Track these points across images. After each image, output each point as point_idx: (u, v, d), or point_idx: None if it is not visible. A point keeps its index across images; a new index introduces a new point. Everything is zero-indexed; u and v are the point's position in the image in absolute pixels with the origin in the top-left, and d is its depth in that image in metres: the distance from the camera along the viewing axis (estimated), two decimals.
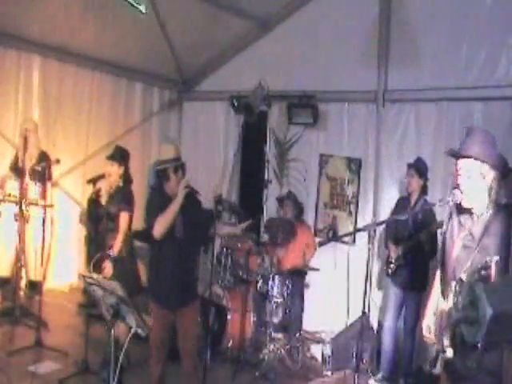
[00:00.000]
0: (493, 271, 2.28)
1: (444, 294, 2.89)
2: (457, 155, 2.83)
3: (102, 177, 4.96)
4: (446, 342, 2.73)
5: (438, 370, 2.84)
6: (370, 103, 6.06)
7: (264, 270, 5.71)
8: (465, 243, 2.78)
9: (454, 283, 2.70)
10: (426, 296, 4.92)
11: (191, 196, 3.95)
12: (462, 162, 2.79)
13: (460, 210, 2.89)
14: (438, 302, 2.92)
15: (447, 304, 2.78)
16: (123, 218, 4.75)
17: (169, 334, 3.96)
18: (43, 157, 5.71)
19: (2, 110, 6.25)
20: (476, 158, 2.74)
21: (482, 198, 2.76)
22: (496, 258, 2.34)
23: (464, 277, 2.64)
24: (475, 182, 2.74)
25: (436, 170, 5.30)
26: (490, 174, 2.73)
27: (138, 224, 6.23)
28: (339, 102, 6.37)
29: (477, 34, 5.24)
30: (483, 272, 2.29)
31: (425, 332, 3.01)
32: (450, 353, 2.70)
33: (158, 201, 3.97)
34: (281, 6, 6.72)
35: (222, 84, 7.40)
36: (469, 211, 2.82)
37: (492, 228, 2.69)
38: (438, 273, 3.09)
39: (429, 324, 2.98)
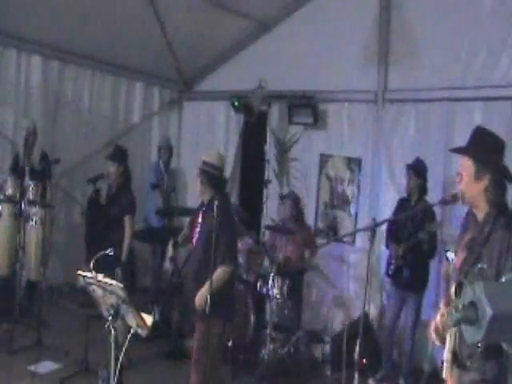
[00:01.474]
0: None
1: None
2: (455, 152, 2.84)
3: (101, 177, 4.96)
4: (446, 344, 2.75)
5: (444, 375, 2.83)
6: (370, 103, 6.06)
7: (264, 270, 5.71)
8: (468, 246, 2.79)
9: (453, 286, 2.71)
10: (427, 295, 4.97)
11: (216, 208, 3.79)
12: (461, 160, 2.80)
13: (469, 212, 2.89)
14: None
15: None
16: (128, 221, 4.80)
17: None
18: (43, 157, 5.71)
19: (2, 110, 6.25)
20: (470, 158, 2.74)
21: (479, 200, 2.76)
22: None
23: (464, 280, 2.64)
24: (469, 181, 2.74)
25: (436, 170, 5.30)
26: (486, 176, 2.72)
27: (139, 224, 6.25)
28: (339, 102, 6.37)
29: (477, 34, 5.24)
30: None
31: (432, 329, 3.00)
32: (446, 355, 2.70)
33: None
34: (281, 5, 6.72)
35: (222, 84, 7.40)
36: (474, 214, 2.81)
37: (494, 233, 2.68)
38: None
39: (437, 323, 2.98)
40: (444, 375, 2.68)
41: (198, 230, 4.06)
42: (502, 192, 2.73)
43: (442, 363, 2.69)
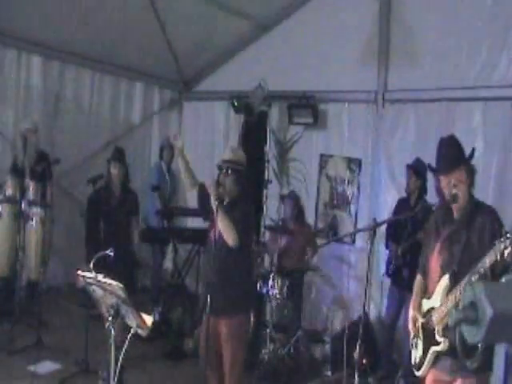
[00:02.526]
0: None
1: (428, 293, 3.01)
2: (446, 174, 2.93)
3: (101, 177, 4.97)
4: (439, 337, 2.82)
5: (423, 372, 2.90)
6: (370, 103, 6.06)
7: (264, 270, 5.71)
8: (449, 237, 2.87)
9: (446, 276, 2.77)
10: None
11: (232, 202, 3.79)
12: (442, 178, 2.93)
13: (439, 208, 3.02)
14: (422, 302, 3.05)
15: (432, 302, 2.90)
16: (135, 222, 4.93)
17: (213, 341, 3.71)
18: (43, 157, 5.71)
19: (2, 110, 6.24)
20: (455, 171, 2.87)
21: (468, 195, 2.91)
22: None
23: (456, 269, 2.76)
24: (461, 187, 2.88)
25: None
26: (468, 171, 2.90)
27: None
28: (339, 102, 6.38)
29: (477, 34, 5.24)
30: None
31: (411, 324, 3.08)
32: (444, 345, 2.75)
33: None
34: (281, 6, 6.72)
35: (222, 84, 7.40)
36: (451, 210, 2.92)
37: (475, 220, 2.82)
38: (419, 274, 3.22)
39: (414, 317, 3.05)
40: (421, 373, 2.77)
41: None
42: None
43: (424, 359, 2.76)
